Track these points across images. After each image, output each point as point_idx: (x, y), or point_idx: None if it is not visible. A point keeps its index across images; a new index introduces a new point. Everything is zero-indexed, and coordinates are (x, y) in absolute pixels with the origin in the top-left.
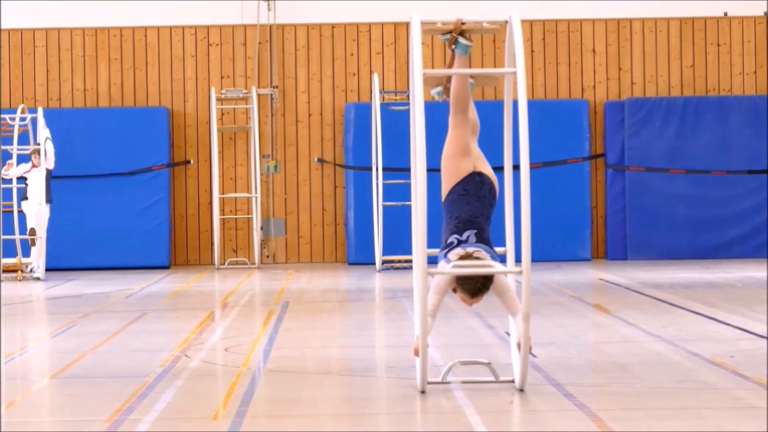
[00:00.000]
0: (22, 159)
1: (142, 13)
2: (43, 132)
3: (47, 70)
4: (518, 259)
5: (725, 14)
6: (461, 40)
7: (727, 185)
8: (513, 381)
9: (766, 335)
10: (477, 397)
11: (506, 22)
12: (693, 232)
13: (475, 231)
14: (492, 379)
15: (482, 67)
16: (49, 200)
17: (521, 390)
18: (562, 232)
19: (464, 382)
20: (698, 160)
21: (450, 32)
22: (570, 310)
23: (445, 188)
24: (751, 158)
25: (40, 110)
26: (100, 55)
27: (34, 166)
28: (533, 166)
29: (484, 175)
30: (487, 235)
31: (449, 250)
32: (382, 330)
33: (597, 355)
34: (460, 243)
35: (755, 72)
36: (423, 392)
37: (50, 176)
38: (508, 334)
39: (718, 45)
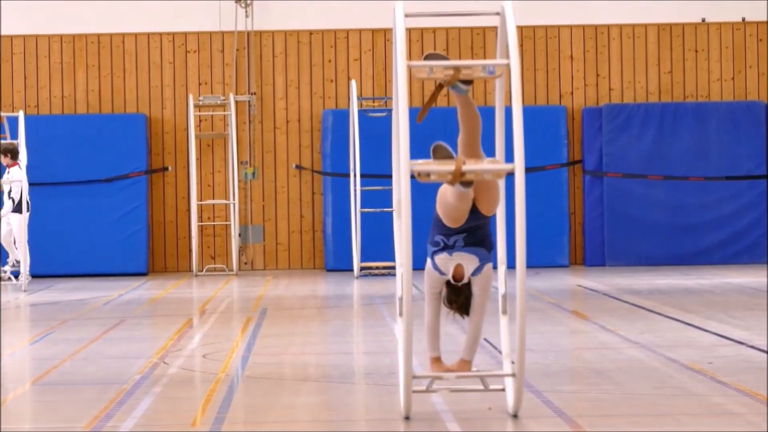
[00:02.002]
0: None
1: (120, 19)
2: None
3: (25, 77)
4: (510, 265)
5: (703, 20)
6: (460, 84)
7: (705, 191)
8: (503, 389)
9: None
10: (456, 402)
11: (501, 14)
12: (671, 238)
13: (463, 236)
14: (481, 387)
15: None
16: (17, 210)
17: (515, 416)
18: (540, 238)
19: (452, 391)
20: (676, 166)
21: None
22: (548, 317)
23: (438, 213)
24: (729, 164)
25: (21, 115)
26: (78, 62)
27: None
28: (511, 174)
29: (477, 212)
30: (480, 235)
31: (435, 252)
32: (361, 336)
33: (575, 361)
34: (446, 247)
35: (733, 78)
36: (407, 418)
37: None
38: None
39: (696, 51)
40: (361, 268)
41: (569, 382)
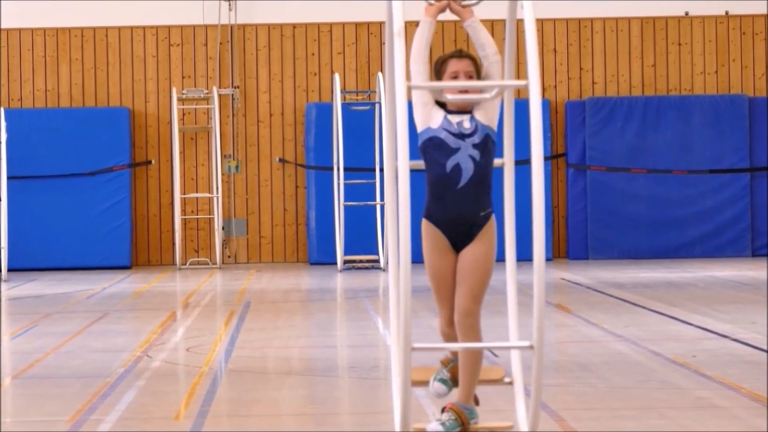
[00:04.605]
0: None
1: (104, 13)
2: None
3: (8, 71)
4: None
5: (686, 14)
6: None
7: (688, 185)
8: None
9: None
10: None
11: None
12: (654, 231)
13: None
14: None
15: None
16: None
17: None
18: (524, 231)
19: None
20: (659, 159)
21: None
22: (532, 310)
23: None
24: (712, 158)
25: (1, 111)
26: (62, 55)
27: None
28: (495, 167)
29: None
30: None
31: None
32: (344, 330)
33: (559, 355)
34: None
35: (716, 71)
36: None
37: None
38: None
39: (680, 44)
40: (345, 262)
41: (553, 376)
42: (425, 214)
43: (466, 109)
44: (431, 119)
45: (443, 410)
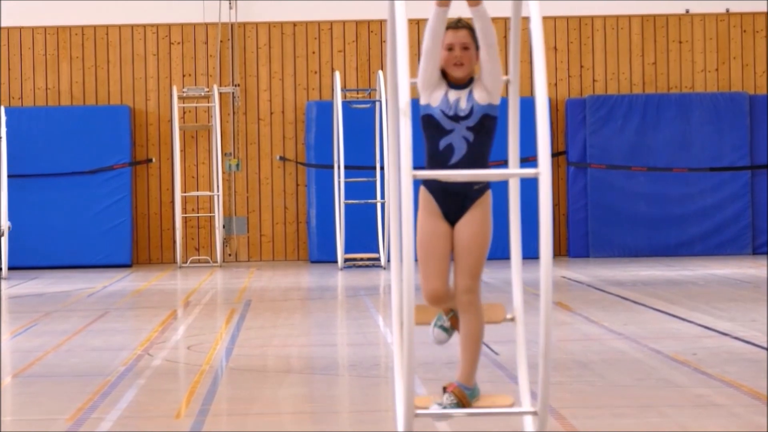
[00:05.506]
0: None
1: (104, 11)
2: None
3: (9, 69)
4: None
5: (687, 11)
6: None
7: (688, 183)
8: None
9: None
10: (439, 394)
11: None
12: (654, 229)
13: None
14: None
15: None
16: None
17: None
18: (524, 229)
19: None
20: (660, 157)
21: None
22: (531, 308)
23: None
24: (712, 156)
25: (1, 110)
26: (62, 53)
27: None
28: (495, 163)
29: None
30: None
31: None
32: (344, 328)
33: (558, 353)
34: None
35: (717, 69)
36: None
37: None
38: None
39: (680, 42)
40: (345, 260)
41: (552, 374)
42: (422, 180)
43: (463, 81)
44: (432, 97)
45: (444, 390)
